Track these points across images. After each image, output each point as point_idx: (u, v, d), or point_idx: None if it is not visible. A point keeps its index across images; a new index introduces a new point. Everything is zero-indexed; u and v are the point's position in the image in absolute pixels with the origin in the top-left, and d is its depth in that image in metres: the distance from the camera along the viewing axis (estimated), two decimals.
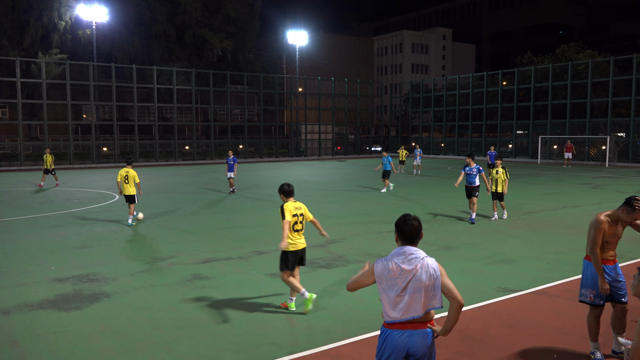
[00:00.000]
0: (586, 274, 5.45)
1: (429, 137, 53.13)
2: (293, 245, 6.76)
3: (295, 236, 6.79)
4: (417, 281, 3.51)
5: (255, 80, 51.52)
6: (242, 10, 56.21)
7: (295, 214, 6.74)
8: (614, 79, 37.56)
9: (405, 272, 3.53)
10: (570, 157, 35.52)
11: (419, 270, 3.52)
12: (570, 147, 35.59)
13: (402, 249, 3.61)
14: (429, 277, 3.52)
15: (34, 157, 39.28)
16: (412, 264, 3.54)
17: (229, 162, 20.21)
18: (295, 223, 6.74)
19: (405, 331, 3.54)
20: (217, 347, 5.68)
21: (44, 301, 7.20)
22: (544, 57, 48.20)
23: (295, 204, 6.84)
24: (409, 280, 3.52)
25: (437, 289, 3.55)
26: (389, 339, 3.59)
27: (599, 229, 5.20)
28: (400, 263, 3.56)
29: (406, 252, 3.59)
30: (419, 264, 3.54)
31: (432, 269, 3.55)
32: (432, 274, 3.53)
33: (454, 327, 5.81)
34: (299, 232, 6.84)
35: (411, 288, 3.51)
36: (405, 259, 3.56)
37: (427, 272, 3.53)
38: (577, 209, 15.57)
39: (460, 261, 9.38)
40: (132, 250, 10.53)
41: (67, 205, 17.15)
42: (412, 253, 3.58)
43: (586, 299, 5.40)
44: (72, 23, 48.29)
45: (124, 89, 44.21)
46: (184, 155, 45.68)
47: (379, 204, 17.25)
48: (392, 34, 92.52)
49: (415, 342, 3.54)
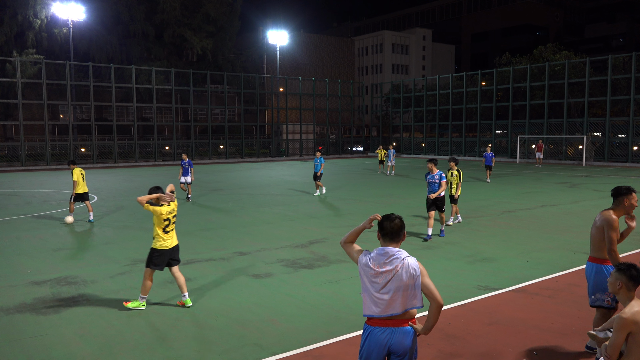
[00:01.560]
0: (597, 278, 5.22)
1: (409, 137, 53.46)
2: (162, 243, 6.85)
3: (165, 237, 6.89)
4: (398, 280, 3.52)
5: (236, 80, 51.26)
6: (221, 10, 55.82)
7: (167, 217, 6.87)
8: (589, 79, 38.27)
9: (385, 272, 3.54)
10: (541, 156, 36.02)
11: (400, 270, 3.54)
12: (540, 147, 36.09)
13: (384, 250, 3.62)
14: (409, 276, 3.54)
15: (9, 158, 38.49)
16: (393, 264, 3.55)
17: (184, 166, 17.99)
18: (167, 225, 6.87)
19: (386, 328, 3.57)
20: (199, 349, 5.63)
21: (21, 305, 7.06)
22: (521, 58, 48.87)
23: (169, 207, 6.90)
24: (389, 280, 3.53)
25: (417, 288, 3.57)
26: (371, 337, 3.61)
27: (615, 228, 5.11)
28: (380, 263, 3.57)
29: (388, 253, 3.59)
30: (400, 264, 3.55)
31: (413, 269, 3.56)
32: (412, 274, 3.55)
33: (436, 326, 5.85)
34: (168, 234, 6.93)
35: (391, 287, 3.53)
36: (387, 260, 3.57)
37: (408, 272, 3.54)
38: (555, 208, 15.82)
39: (442, 260, 9.46)
40: (112, 252, 10.38)
41: (44, 207, 16.84)
42: (394, 254, 3.58)
43: (603, 303, 5.20)
44: (48, 21, 47.41)
45: (102, 89, 43.58)
46: (164, 155, 45.23)
47: (360, 203, 17.30)
48: (372, 34, 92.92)
49: (396, 340, 3.57)
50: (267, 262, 9.39)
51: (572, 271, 8.63)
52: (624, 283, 3.95)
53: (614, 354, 3.81)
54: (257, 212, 15.52)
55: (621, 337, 3.76)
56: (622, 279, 3.97)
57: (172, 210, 6.93)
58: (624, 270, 3.99)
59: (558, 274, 8.45)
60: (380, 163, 30.55)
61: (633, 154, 36.01)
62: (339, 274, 8.53)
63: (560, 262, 9.23)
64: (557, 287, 7.76)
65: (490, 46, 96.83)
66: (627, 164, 35.40)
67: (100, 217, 14.66)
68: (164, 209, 6.83)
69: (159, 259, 6.89)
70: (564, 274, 8.49)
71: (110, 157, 41.73)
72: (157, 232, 6.85)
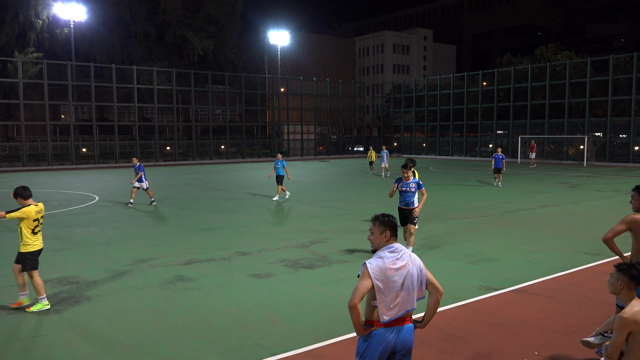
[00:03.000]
0: None
1: (410, 137, 53.44)
2: (31, 246, 6.90)
3: (34, 238, 6.94)
4: (410, 276, 3.59)
5: (237, 81, 51.26)
6: (222, 10, 55.82)
7: (36, 218, 6.90)
8: (591, 79, 38.23)
9: (401, 268, 3.56)
10: (534, 156, 35.99)
11: (410, 265, 3.60)
12: (533, 147, 36.06)
13: (393, 247, 3.61)
14: (418, 270, 3.64)
15: (10, 158, 38.53)
16: (404, 260, 3.59)
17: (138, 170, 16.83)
18: (36, 226, 6.91)
19: (394, 328, 3.56)
20: (200, 349, 5.64)
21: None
22: (523, 58, 48.88)
23: (37, 207, 6.94)
24: (405, 275, 3.56)
25: (424, 281, 3.67)
26: (375, 339, 3.54)
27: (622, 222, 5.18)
28: (395, 260, 3.57)
29: (397, 249, 3.60)
30: (408, 259, 3.61)
31: (418, 261, 3.68)
32: (419, 266, 3.66)
33: (436, 326, 5.85)
34: (36, 235, 6.97)
35: (407, 283, 3.57)
36: (398, 255, 3.58)
37: (416, 265, 3.64)
38: (557, 208, 15.81)
39: (443, 260, 9.46)
40: (113, 252, 10.38)
41: (45, 207, 16.81)
42: (402, 249, 3.63)
43: None
44: (50, 22, 47.44)
45: (103, 89, 43.59)
46: (165, 155, 45.24)
47: (361, 203, 17.30)
48: (373, 34, 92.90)
49: (402, 338, 3.58)
50: (268, 262, 9.39)
51: (573, 271, 8.62)
52: (626, 283, 3.95)
53: (614, 353, 3.81)
54: (258, 212, 15.52)
55: (622, 336, 3.76)
56: (623, 279, 3.96)
57: (40, 210, 6.95)
58: (625, 271, 3.98)
59: (559, 274, 8.44)
60: (370, 164, 29.61)
61: (634, 154, 35.95)
62: (340, 274, 8.53)
63: (561, 262, 9.22)
64: (558, 287, 7.76)
65: (492, 46, 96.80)
66: (629, 164, 35.35)
67: (101, 217, 14.66)
68: (32, 209, 6.83)
69: (34, 261, 6.94)
70: (565, 274, 8.48)
71: (111, 157, 41.77)
72: (26, 235, 6.84)
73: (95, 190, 21.56)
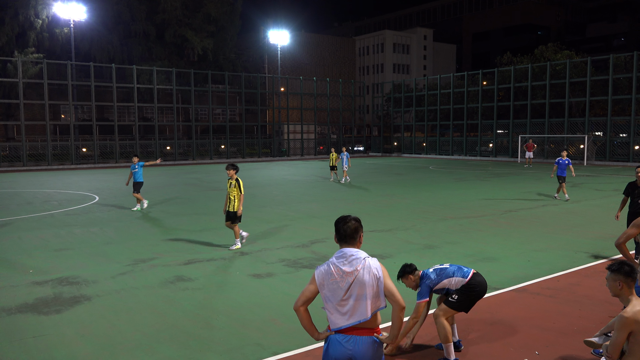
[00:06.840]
0: None
1: (410, 137, 53.44)
2: None
3: None
4: (360, 282, 3.36)
5: (237, 80, 51.26)
6: (222, 9, 55.82)
7: None
8: (591, 79, 38.21)
9: (347, 274, 3.38)
10: (532, 156, 35.93)
11: (361, 271, 3.37)
12: (531, 146, 35.99)
13: (342, 251, 3.47)
14: (371, 277, 3.38)
15: (10, 158, 38.53)
16: (353, 266, 3.39)
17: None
18: None
19: (350, 337, 3.38)
20: (200, 348, 5.63)
21: (22, 305, 7.06)
22: (523, 57, 48.82)
23: None
24: (351, 283, 3.37)
25: (381, 289, 3.40)
26: (332, 346, 3.42)
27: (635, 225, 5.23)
28: (340, 265, 3.41)
29: (346, 254, 3.43)
30: (360, 265, 3.39)
31: (375, 269, 3.41)
32: (375, 274, 3.40)
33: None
34: None
35: (355, 290, 3.36)
36: (346, 261, 3.42)
37: (370, 272, 3.39)
38: (557, 207, 15.80)
39: (443, 260, 9.44)
40: (113, 252, 10.38)
41: (45, 207, 16.85)
42: (353, 254, 3.43)
43: None
44: (49, 21, 47.41)
45: (103, 89, 43.59)
46: (165, 155, 45.25)
47: (360, 203, 17.30)
48: (373, 33, 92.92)
49: (359, 350, 3.35)
50: (268, 262, 9.39)
51: (574, 271, 8.62)
52: (623, 282, 3.95)
53: (615, 352, 3.81)
54: (258, 211, 15.51)
55: (622, 336, 3.76)
56: (619, 278, 3.96)
57: None
58: (618, 270, 3.97)
59: (559, 274, 8.44)
60: (331, 169, 25.13)
61: (634, 154, 35.94)
62: None
63: (561, 261, 9.22)
64: (558, 286, 7.75)
65: (492, 46, 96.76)
66: (629, 163, 35.34)
67: (102, 217, 14.66)
68: None
69: None
70: (566, 273, 8.48)
71: (111, 157, 41.78)
72: None
73: (95, 190, 21.56)
